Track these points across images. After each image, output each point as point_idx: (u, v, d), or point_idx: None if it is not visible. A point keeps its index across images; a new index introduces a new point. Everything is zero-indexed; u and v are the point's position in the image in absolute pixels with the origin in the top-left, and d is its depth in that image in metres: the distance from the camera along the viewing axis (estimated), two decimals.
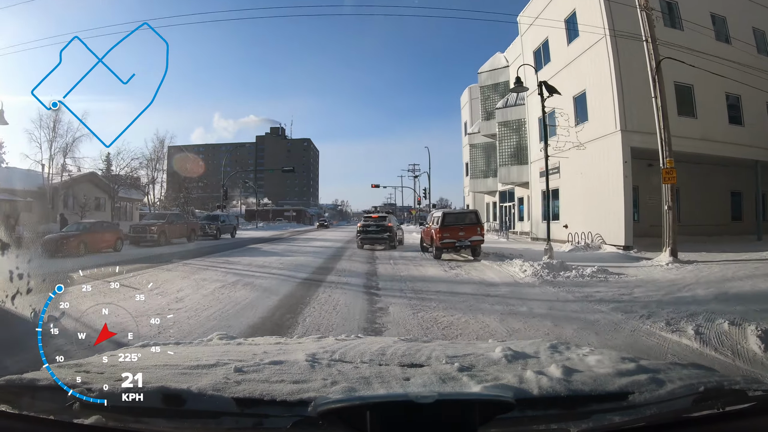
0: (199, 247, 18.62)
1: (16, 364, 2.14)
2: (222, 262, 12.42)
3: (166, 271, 10.53)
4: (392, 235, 17.93)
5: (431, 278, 9.70)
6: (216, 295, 7.24)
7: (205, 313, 6.00)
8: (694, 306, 5.93)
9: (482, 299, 7.01)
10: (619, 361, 1.60)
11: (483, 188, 29.55)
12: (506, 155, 24.04)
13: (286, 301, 6.90)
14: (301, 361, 1.56)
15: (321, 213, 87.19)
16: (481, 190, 30.19)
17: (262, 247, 18.84)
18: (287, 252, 16.74)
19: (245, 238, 27.09)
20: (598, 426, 1.21)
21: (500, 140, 24.11)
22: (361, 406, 1.13)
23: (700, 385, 1.36)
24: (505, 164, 24.11)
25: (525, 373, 1.44)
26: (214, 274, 9.82)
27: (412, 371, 1.49)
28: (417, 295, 7.39)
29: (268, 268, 11.14)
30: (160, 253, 15.05)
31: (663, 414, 1.28)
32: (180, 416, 1.26)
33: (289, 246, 20.24)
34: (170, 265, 11.50)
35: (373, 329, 5.18)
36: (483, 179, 29.08)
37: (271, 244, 21.60)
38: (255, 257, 14.32)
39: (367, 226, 18.14)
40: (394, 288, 8.17)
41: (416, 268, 11.61)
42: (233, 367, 1.45)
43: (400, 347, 1.79)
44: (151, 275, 9.70)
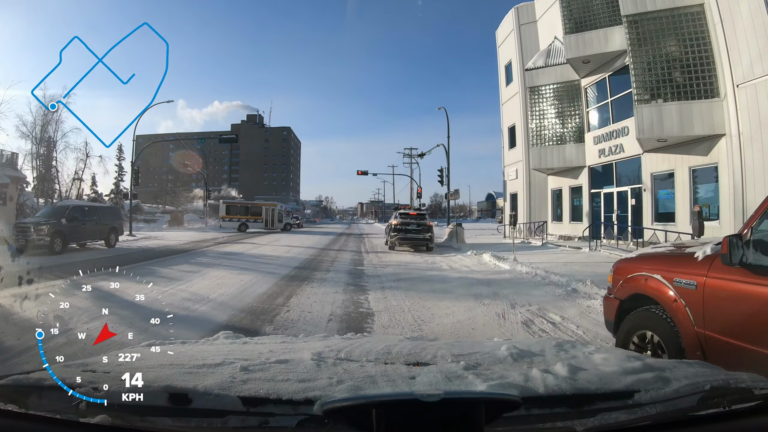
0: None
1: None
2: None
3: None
4: (433, 235, 16.36)
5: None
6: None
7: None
8: None
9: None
10: (625, 360, 1.62)
11: (557, 163, 18.15)
12: (653, 81, 12.66)
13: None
14: (306, 360, 1.56)
15: (298, 209, 73.91)
16: (552, 168, 18.67)
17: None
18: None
19: (129, 249, 15.97)
20: (603, 424, 1.21)
21: (637, 52, 13.00)
22: (367, 405, 1.13)
23: (706, 384, 1.38)
24: (653, 102, 12.65)
25: (531, 371, 1.45)
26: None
27: (417, 370, 1.49)
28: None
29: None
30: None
31: (669, 412, 1.29)
32: (186, 415, 1.26)
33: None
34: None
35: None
36: (556, 147, 18.04)
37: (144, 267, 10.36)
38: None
39: (406, 224, 16.26)
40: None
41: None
42: (239, 366, 1.45)
43: (406, 346, 1.80)
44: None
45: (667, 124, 12.50)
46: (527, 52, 20.09)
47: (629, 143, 14.74)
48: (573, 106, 17.87)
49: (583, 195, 17.76)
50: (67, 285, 1.46)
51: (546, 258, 12.10)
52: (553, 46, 17.96)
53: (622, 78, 15.21)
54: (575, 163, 17.68)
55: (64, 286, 1.43)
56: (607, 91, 16.25)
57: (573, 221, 18.61)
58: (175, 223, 39.08)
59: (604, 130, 16.44)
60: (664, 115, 12.53)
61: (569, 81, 17.77)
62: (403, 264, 12.26)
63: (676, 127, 12.41)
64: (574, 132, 17.82)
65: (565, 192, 19.11)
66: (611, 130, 15.93)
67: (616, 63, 15.41)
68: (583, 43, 15.54)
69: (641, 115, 12.89)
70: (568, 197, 18.92)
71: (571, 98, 17.94)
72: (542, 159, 18.35)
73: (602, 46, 15.09)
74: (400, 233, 16.16)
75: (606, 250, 13.41)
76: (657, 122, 12.61)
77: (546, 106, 18.55)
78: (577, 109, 17.74)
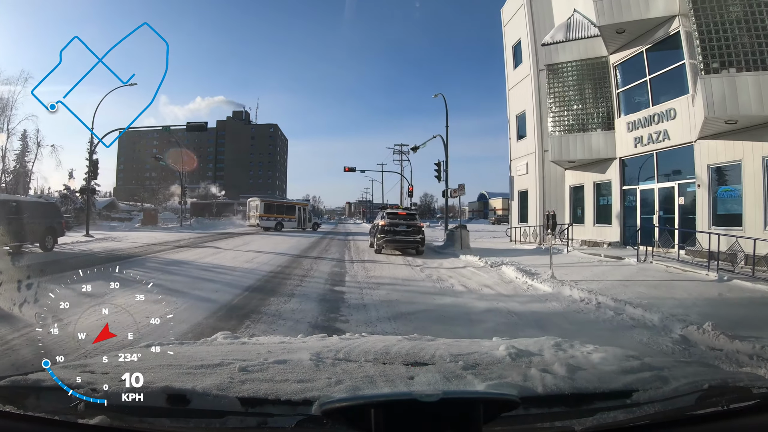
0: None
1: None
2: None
3: None
4: (423, 238, 15.24)
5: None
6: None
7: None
8: None
9: None
10: (623, 359, 1.62)
11: (580, 154, 15.57)
12: (722, 46, 10.37)
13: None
14: (305, 360, 1.56)
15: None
16: (573, 160, 15.98)
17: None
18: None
19: (65, 254, 13.45)
20: (602, 423, 1.21)
21: (701, 9, 10.60)
22: (366, 405, 1.13)
23: (704, 383, 1.37)
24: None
25: (529, 371, 1.45)
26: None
27: (416, 370, 1.49)
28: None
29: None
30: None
31: (667, 411, 1.28)
32: (184, 416, 1.27)
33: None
34: None
35: None
36: (580, 136, 15.44)
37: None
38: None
39: (395, 225, 15.06)
40: None
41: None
42: (237, 367, 1.45)
43: (405, 345, 1.80)
44: None
45: (743, 99, 10.02)
46: (540, 29, 17.83)
47: (676, 129, 12.61)
48: (600, 87, 15.36)
49: (613, 192, 15.20)
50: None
51: (588, 273, 9.64)
52: (574, 18, 16.03)
53: (663, 53, 13.22)
54: (603, 154, 15.13)
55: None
56: (645, 67, 13.80)
57: (598, 224, 16.09)
58: (149, 222, 36.61)
59: (640, 114, 14.00)
60: (739, 88, 10.01)
61: (595, 58, 15.27)
62: (399, 281, 9.48)
63: (754, 103, 9.94)
64: (601, 118, 15.27)
65: (588, 189, 16.49)
66: (651, 113, 13.49)
67: (656, 33, 13.12)
68: (619, 7, 12.97)
69: (709, 88, 10.30)
70: (592, 195, 16.29)
71: (597, 78, 15.40)
72: (563, 150, 15.74)
73: (642, 11, 12.86)
74: (388, 235, 14.96)
75: (661, 262, 10.82)
76: (730, 97, 10.12)
77: (566, 88, 15.86)
78: (605, 91, 15.23)
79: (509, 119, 20.91)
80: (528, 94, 18.66)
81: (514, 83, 20.36)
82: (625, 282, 8.60)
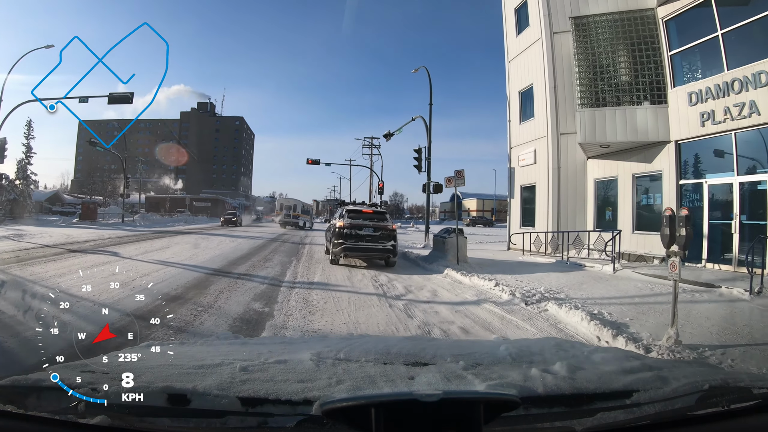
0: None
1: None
2: None
3: None
4: (396, 244, 11.46)
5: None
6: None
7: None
8: None
9: None
10: (624, 359, 1.62)
11: (620, 135, 11.74)
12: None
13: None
14: (305, 360, 1.56)
15: (247, 204, 66.56)
16: (609, 143, 12.15)
17: None
18: None
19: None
20: (602, 424, 1.21)
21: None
22: (366, 405, 1.13)
23: (705, 383, 1.37)
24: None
25: (530, 371, 1.45)
26: None
27: (417, 370, 1.49)
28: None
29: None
30: None
31: (667, 412, 1.28)
32: (185, 416, 1.27)
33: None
34: None
35: None
36: (619, 110, 11.77)
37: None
38: None
39: (357, 227, 11.08)
40: None
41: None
42: (238, 367, 1.45)
43: (405, 345, 1.80)
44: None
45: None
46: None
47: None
48: (644, 48, 11.69)
49: (664, 188, 11.41)
50: None
51: (686, 316, 5.40)
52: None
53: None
54: (651, 136, 11.35)
55: None
56: (715, 19, 10.07)
57: (640, 230, 12.07)
58: (87, 217, 32.64)
59: (709, 81, 10.25)
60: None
61: (638, 10, 11.78)
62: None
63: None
64: (648, 87, 11.54)
65: (623, 183, 12.68)
66: (727, 79, 9.71)
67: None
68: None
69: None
70: (630, 191, 12.46)
71: (641, 36, 11.76)
72: (597, 129, 11.90)
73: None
74: (348, 240, 10.89)
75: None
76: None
77: (600, 49, 12.23)
78: (653, 53, 11.59)
79: (509, 98, 17.20)
80: (537, 63, 14.93)
81: (518, 52, 16.43)
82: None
